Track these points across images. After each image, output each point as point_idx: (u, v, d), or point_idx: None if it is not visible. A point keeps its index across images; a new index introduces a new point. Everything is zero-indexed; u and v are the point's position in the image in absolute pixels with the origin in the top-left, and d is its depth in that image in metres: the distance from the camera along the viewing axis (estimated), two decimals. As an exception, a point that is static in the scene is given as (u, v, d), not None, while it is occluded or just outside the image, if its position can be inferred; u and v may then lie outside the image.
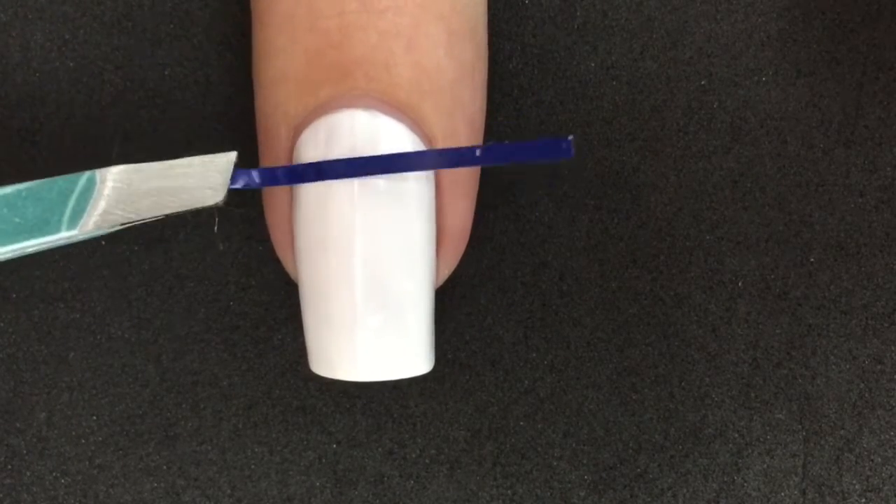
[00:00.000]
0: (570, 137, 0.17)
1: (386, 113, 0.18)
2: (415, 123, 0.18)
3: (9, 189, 0.17)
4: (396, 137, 0.18)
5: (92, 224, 0.17)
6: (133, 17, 0.22)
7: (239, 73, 0.21)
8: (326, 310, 0.18)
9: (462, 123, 0.19)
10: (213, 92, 0.22)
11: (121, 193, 0.17)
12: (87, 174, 0.17)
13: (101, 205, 0.17)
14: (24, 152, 0.22)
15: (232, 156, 0.17)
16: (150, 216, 0.17)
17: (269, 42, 0.19)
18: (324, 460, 0.22)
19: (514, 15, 0.22)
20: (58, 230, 0.17)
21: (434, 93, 0.18)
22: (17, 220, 0.17)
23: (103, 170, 0.17)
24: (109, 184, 0.17)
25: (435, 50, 0.18)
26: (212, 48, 0.22)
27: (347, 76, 0.18)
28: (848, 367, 0.22)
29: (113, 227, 0.17)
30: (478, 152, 0.17)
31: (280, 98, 0.19)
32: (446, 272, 0.20)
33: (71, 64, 0.22)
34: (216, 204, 0.17)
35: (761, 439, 0.22)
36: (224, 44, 0.22)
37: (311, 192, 0.18)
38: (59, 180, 0.17)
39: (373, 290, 0.18)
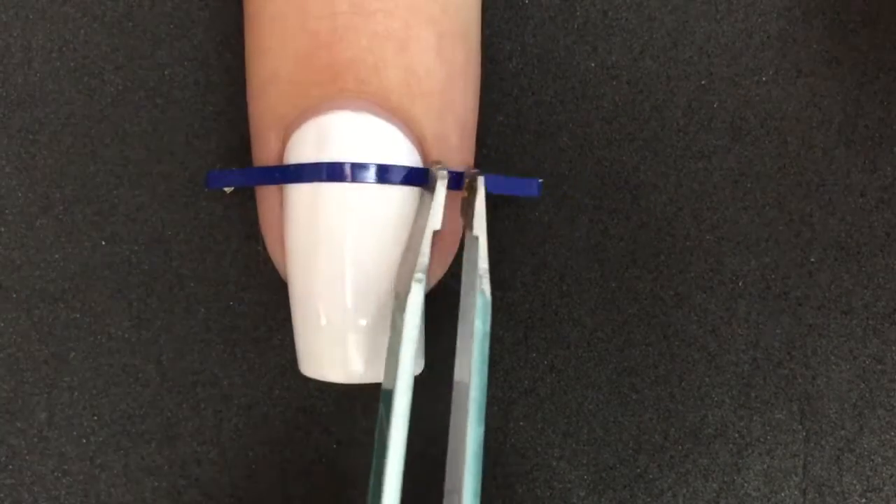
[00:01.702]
0: (540, 181, 0.20)
1: (376, 115, 0.18)
2: (405, 126, 0.18)
3: None
4: (386, 140, 0.18)
5: None
6: (133, 18, 0.22)
7: (238, 73, 0.21)
8: (317, 312, 0.18)
9: (453, 126, 0.19)
10: (213, 92, 0.22)
11: None
12: None
13: None
14: (25, 152, 0.22)
15: None
16: None
17: (259, 43, 0.19)
18: (324, 460, 0.22)
19: (514, 15, 0.22)
20: None
21: (424, 96, 0.18)
22: None
23: None
24: None
25: (425, 53, 0.18)
26: (212, 48, 0.22)
27: (338, 78, 0.18)
28: (848, 367, 0.22)
29: None
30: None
31: (271, 99, 0.19)
32: (439, 273, 0.20)
33: (71, 64, 0.22)
34: None
35: (761, 439, 0.22)
36: (224, 44, 0.22)
37: (300, 195, 0.18)
38: None
39: (363, 293, 0.18)
